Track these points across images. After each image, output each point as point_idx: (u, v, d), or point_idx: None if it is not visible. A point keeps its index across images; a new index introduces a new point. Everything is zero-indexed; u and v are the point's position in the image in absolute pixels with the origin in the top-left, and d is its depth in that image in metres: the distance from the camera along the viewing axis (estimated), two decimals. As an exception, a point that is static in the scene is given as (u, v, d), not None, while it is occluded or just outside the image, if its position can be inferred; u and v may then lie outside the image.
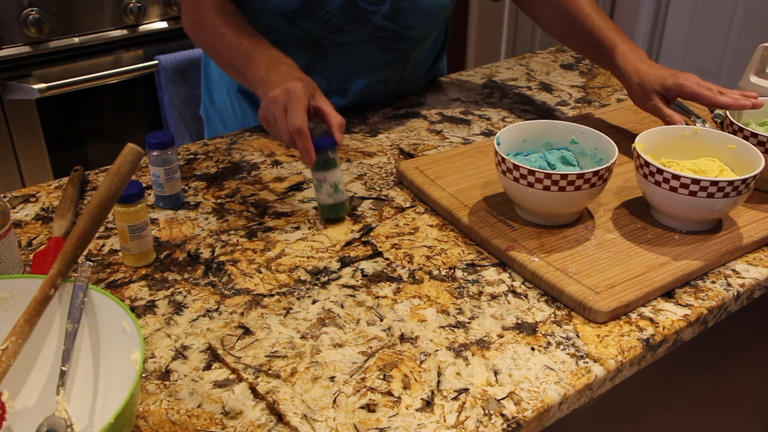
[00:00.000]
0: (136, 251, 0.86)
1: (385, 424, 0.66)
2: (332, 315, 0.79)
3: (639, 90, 1.08)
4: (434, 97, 1.35)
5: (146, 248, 0.87)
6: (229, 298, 0.82)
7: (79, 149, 1.95)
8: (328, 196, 0.91)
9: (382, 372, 0.72)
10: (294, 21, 1.10)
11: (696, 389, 1.05)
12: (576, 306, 0.80)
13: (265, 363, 0.73)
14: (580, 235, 0.90)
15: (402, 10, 1.12)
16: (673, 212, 0.90)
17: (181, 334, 0.76)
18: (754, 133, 0.96)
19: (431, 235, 0.94)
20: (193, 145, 1.16)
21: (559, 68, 1.50)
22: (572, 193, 0.86)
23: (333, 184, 0.91)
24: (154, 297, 0.82)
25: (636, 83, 1.08)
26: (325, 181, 0.90)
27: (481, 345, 0.75)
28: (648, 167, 0.88)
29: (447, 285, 0.84)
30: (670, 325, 0.78)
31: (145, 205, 0.84)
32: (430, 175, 1.03)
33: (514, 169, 0.87)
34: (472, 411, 0.67)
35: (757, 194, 0.99)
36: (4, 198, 0.99)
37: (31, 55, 1.76)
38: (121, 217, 0.83)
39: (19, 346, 0.62)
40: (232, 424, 0.66)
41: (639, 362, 0.76)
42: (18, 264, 0.79)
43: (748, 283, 0.85)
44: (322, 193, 0.92)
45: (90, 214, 0.68)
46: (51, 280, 0.65)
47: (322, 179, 0.90)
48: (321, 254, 0.90)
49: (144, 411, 0.67)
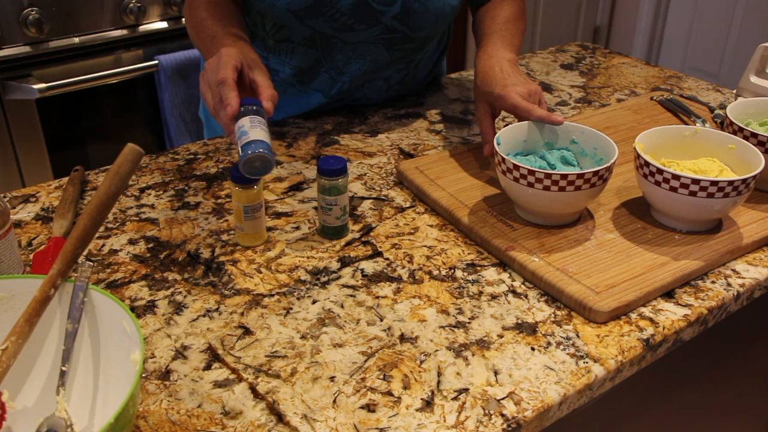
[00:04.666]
0: (249, 231, 0.90)
1: (385, 424, 0.66)
2: (332, 315, 0.79)
3: (475, 92, 1.06)
4: (434, 97, 1.35)
5: (259, 229, 0.90)
6: (229, 298, 0.82)
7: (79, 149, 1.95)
8: (336, 218, 0.91)
9: (382, 372, 0.72)
10: (303, 19, 1.11)
11: (696, 389, 1.05)
12: (576, 306, 0.80)
13: (265, 363, 0.73)
14: (580, 235, 0.90)
15: (412, 11, 1.13)
16: (673, 212, 0.90)
17: (181, 334, 0.76)
18: (754, 133, 0.96)
19: (431, 235, 0.94)
20: (193, 145, 1.16)
21: (559, 68, 1.50)
22: (572, 193, 0.86)
23: (343, 207, 0.91)
24: (154, 297, 0.82)
25: (476, 85, 1.05)
26: (336, 204, 0.90)
27: (481, 345, 0.75)
28: (648, 167, 0.88)
29: (447, 285, 0.84)
30: (670, 325, 0.78)
31: (261, 189, 0.88)
32: (430, 175, 1.03)
33: (514, 169, 0.87)
34: (472, 411, 0.67)
35: (757, 194, 0.99)
36: (4, 198, 0.99)
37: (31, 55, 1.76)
38: (238, 197, 0.87)
39: (19, 346, 0.62)
40: (232, 424, 0.66)
41: (639, 362, 0.76)
42: (18, 264, 0.79)
43: (748, 283, 0.85)
44: (331, 216, 0.91)
45: (90, 214, 0.68)
46: (51, 280, 0.65)
47: (333, 203, 0.90)
48: (321, 254, 0.90)
49: (144, 411, 0.67)
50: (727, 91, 1.39)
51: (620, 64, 1.52)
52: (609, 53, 1.59)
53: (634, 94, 1.37)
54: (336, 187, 0.89)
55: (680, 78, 1.45)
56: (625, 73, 1.47)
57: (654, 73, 1.48)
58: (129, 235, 0.93)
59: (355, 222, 0.96)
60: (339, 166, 0.89)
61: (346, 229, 0.93)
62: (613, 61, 1.54)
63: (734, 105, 1.04)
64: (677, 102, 1.28)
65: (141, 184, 1.05)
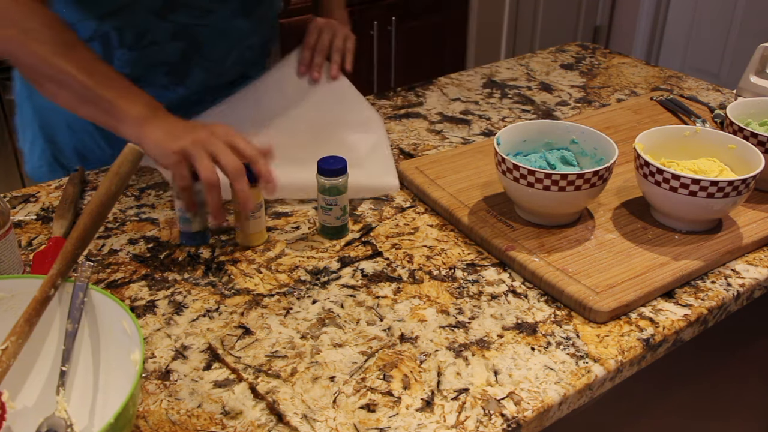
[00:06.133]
0: (250, 231, 0.90)
1: (385, 424, 0.66)
2: (332, 315, 0.79)
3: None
4: (434, 97, 1.35)
5: (259, 229, 0.90)
6: (229, 298, 0.82)
7: (79, 149, 1.95)
8: (336, 218, 0.91)
9: (382, 372, 0.72)
10: (165, 17, 1.05)
11: (696, 389, 1.05)
12: (576, 306, 0.80)
13: (265, 363, 0.73)
14: (580, 235, 0.90)
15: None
16: (673, 212, 0.90)
17: (181, 334, 0.76)
18: (754, 133, 0.96)
19: (431, 235, 0.94)
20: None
21: (559, 68, 1.50)
22: (572, 193, 0.86)
23: (343, 207, 0.91)
24: (154, 297, 0.82)
25: None
26: (336, 204, 0.90)
27: (481, 345, 0.75)
28: (648, 167, 0.88)
29: (447, 285, 0.84)
30: (670, 325, 0.78)
31: (260, 190, 0.88)
32: (430, 175, 1.03)
33: (514, 169, 0.87)
34: (472, 411, 0.67)
35: (757, 194, 0.99)
36: (4, 198, 0.99)
37: (31, 55, 1.75)
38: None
39: (19, 346, 0.62)
40: (232, 424, 0.66)
41: (639, 362, 0.76)
42: (18, 264, 0.79)
43: (748, 283, 0.85)
44: (331, 216, 0.91)
45: (90, 214, 0.68)
46: (51, 280, 0.65)
47: (333, 203, 0.90)
48: (321, 254, 0.90)
49: (144, 411, 0.67)
50: (727, 91, 1.39)
51: (620, 64, 1.52)
52: (609, 53, 1.59)
53: (634, 94, 1.37)
54: (336, 187, 0.89)
55: (680, 78, 1.45)
56: (625, 73, 1.47)
57: (654, 73, 1.48)
58: (129, 235, 0.93)
59: (355, 222, 0.96)
60: (339, 166, 0.89)
61: (346, 229, 0.93)
62: (613, 61, 1.54)
63: (734, 105, 1.04)
64: (677, 102, 1.28)
65: (141, 184, 1.05)
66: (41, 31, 0.88)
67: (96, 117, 0.90)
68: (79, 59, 0.88)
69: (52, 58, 0.87)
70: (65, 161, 1.18)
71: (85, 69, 0.88)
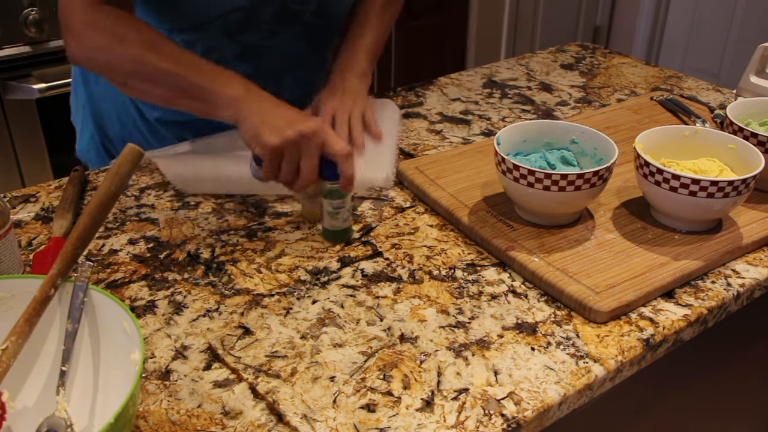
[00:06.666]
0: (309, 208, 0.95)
1: (385, 424, 0.66)
2: (332, 315, 0.79)
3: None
4: (434, 97, 1.35)
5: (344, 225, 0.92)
6: (229, 298, 0.82)
7: (79, 149, 1.95)
8: (343, 221, 0.90)
9: (382, 372, 0.72)
10: (234, 36, 1.08)
11: (696, 389, 1.05)
12: (576, 306, 0.80)
13: (265, 363, 0.73)
14: (580, 235, 0.90)
15: (327, 3, 1.12)
16: (673, 212, 0.90)
17: (181, 334, 0.76)
18: (754, 133, 0.96)
19: (431, 235, 0.94)
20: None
21: (559, 68, 1.50)
22: (572, 193, 0.86)
23: (348, 209, 0.90)
24: (154, 297, 0.82)
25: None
26: (343, 207, 0.89)
27: (481, 345, 0.75)
28: (648, 167, 0.88)
29: (447, 285, 0.84)
30: (670, 325, 0.78)
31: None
32: (430, 175, 1.03)
33: (514, 169, 0.87)
34: (472, 411, 0.67)
35: (757, 194, 0.99)
36: (4, 198, 0.99)
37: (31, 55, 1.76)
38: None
39: (19, 346, 0.62)
40: (232, 424, 0.66)
41: (639, 362, 0.76)
42: (18, 264, 0.79)
43: (748, 283, 0.85)
44: (338, 220, 0.90)
45: (90, 214, 0.68)
46: (51, 280, 0.65)
47: (340, 206, 0.89)
48: (321, 254, 0.90)
49: (144, 411, 0.67)
50: (727, 91, 1.39)
51: (620, 64, 1.52)
52: (609, 53, 1.59)
53: (634, 94, 1.37)
54: (338, 190, 0.89)
55: (680, 78, 1.45)
56: (625, 73, 1.47)
57: (654, 73, 1.48)
58: (129, 235, 0.93)
59: (355, 222, 0.96)
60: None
61: (351, 231, 0.93)
62: (613, 61, 1.54)
63: (734, 105, 1.04)
64: (677, 102, 1.28)
65: (141, 184, 1.05)
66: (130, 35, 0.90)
67: (192, 106, 0.91)
68: (168, 53, 0.90)
69: (145, 56, 0.89)
70: (113, 150, 1.21)
71: (176, 61, 0.89)
